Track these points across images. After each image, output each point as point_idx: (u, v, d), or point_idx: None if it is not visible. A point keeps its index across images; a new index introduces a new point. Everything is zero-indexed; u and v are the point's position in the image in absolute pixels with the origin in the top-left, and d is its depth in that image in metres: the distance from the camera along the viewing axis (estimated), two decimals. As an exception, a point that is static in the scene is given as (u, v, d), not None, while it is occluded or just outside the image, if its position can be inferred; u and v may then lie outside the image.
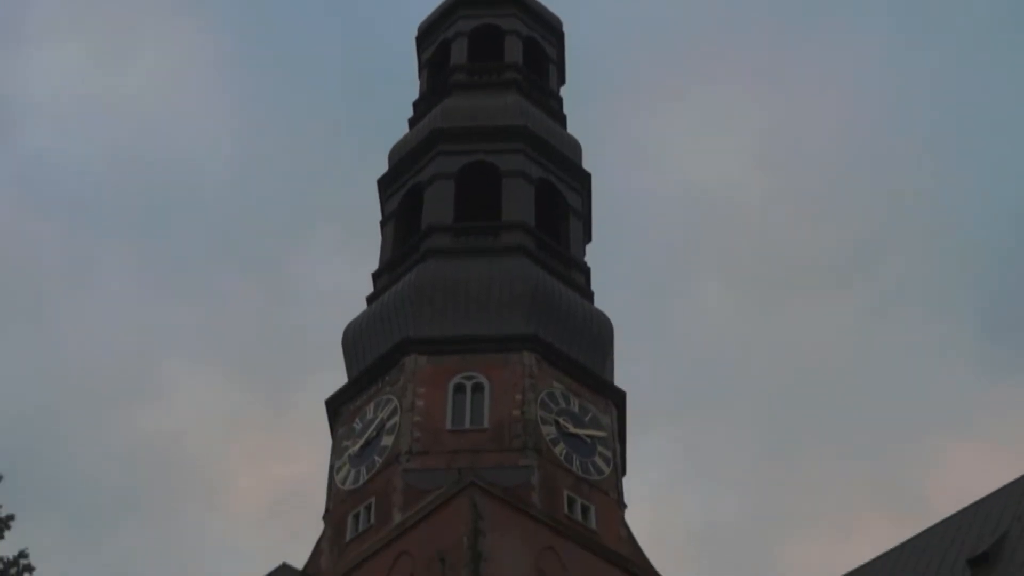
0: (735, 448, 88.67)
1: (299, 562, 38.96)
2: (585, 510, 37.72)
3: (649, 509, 79.03)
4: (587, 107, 73.09)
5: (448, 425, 38.39)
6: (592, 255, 48.44)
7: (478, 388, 39.25)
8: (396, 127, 51.26)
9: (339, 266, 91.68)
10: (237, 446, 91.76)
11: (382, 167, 49.33)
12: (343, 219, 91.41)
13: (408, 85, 53.62)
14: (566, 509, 37.03)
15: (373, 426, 39.77)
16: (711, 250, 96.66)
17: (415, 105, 51.51)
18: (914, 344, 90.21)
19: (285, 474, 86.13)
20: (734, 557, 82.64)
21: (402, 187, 47.63)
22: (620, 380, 42.72)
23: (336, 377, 43.76)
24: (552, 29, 54.10)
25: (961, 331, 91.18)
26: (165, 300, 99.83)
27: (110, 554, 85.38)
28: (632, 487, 75.24)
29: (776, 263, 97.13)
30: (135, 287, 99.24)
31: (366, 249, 49.30)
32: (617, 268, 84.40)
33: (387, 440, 38.81)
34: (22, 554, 20.26)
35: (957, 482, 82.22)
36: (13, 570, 19.71)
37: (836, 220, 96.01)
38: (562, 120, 50.80)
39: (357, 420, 40.79)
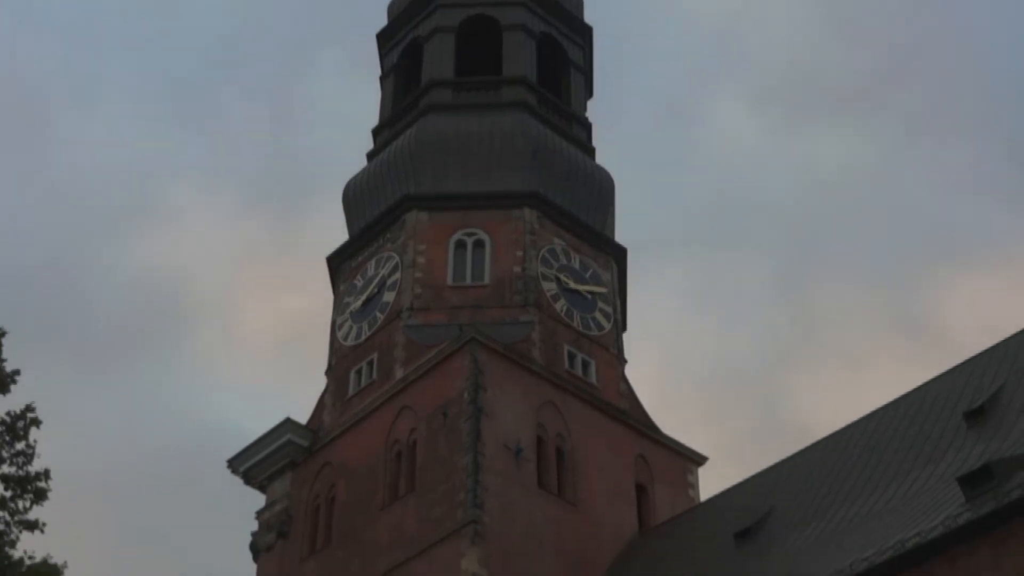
0: (748, 283, 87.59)
1: (303, 417, 39.53)
2: (585, 365, 38.04)
3: (658, 354, 78.71)
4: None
5: (449, 281, 38.51)
6: (597, 108, 48.18)
7: (479, 244, 39.26)
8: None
9: (344, 91, 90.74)
10: (245, 278, 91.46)
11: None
12: (347, 43, 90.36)
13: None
14: (566, 364, 37.34)
15: (374, 283, 39.89)
16: (732, 72, 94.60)
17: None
18: (937, 172, 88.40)
19: (293, 308, 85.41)
20: (744, 401, 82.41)
21: (401, 41, 47.01)
22: (629, 227, 42.52)
23: (341, 216, 43.83)
24: None
25: (986, 160, 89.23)
26: (169, 126, 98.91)
27: (118, 397, 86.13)
28: (638, 339, 75.02)
29: (800, 84, 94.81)
30: (138, 113, 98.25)
31: (371, 74, 48.77)
32: (625, 102, 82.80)
33: (388, 296, 38.96)
34: (28, 408, 20.45)
35: (975, 315, 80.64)
36: (20, 424, 19.93)
37: (865, 41, 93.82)
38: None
39: (358, 277, 40.90)
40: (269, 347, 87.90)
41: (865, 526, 23.98)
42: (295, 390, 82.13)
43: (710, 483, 65.34)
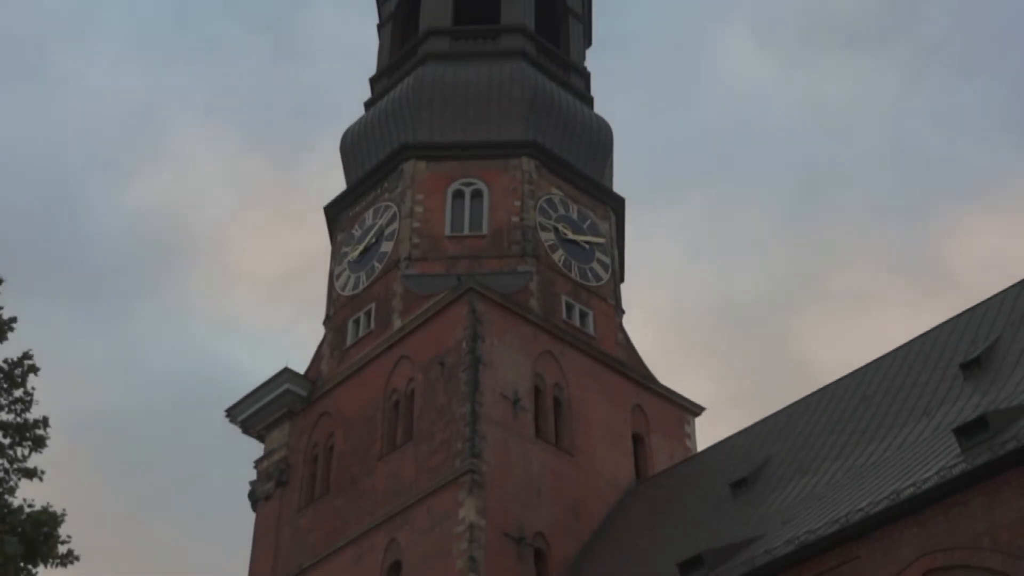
0: (752, 224, 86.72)
1: (301, 366, 39.61)
2: (583, 316, 38.07)
3: (660, 298, 78.42)
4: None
5: (447, 231, 38.45)
6: (597, 51, 47.91)
7: (477, 194, 39.18)
8: None
9: (346, 26, 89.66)
10: (245, 217, 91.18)
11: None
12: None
13: None
14: (564, 314, 37.38)
15: (372, 232, 39.83)
16: (739, 5, 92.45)
17: None
18: (945, 110, 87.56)
19: (293, 248, 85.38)
20: (747, 344, 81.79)
21: (399, -11, 46.68)
22: (631, 168, 42.21)
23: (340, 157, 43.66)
24: None
25: (995, 98, 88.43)
26: (170, 58, 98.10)
27: (117, 338, 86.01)
28: (640, 285, 74.16)
29: (807, 19, 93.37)
30: (138, 48, 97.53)
31: (372, 10, 48.29)
32: (627, 40, 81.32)
33: (386, 246, 38.92)
34: (26, 355, 20.40)
35: (982, 255, 79.99)
36: (18, 371, 19.90)
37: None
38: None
39: (356, 226, 40.83)
40: (269, 287, 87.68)
41: (861, 477, 24.08)
42: (293, 338, 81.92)
43: (713, 430, 65.28)
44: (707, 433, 39.16)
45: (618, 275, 40.52)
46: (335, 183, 42.26)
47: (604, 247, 40.22)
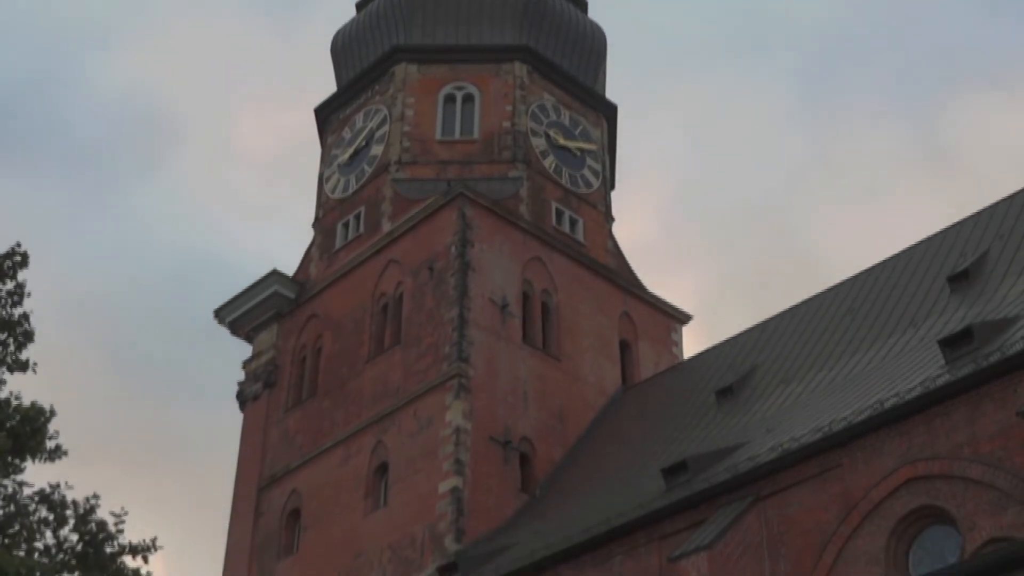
0: (762, 110, 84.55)
1: (289, 269, 39.60)
2: (573, 222, 38.04)
3: (663, 189, 77.13)
4: None
5: (438, 135, 38.27)
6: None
7: (468, 99, 38.92)
8: None
9: None
10: (235, 96, 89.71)
11: None
12: None
13: None
14: (554, 221, 37.34)
15: (362, 135, 39.61)
16: None
17: None
18: None
19: (290, 123, 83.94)
20: (754, 235, 79.86)
21: None
22: (635, 52, 41.37)
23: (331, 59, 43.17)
24: None
25: None
26: None
27: (107, 223, 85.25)
28: (643, 176, 72.33)
29: None
30: None
31: None
32: None
33: (376, 150, 38.74)
34: (15, 248, 20.30)
35: (1002, 144, 76.76)
36: (7, 263, 19.85)
37: None
38: None
39: (346, 129, 40.60)
40: (260, 171, 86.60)
41: (845, 386, 24.26)
42: (291, 218, 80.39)
43: (722, 327, 64.33)
44: (717, 329, 38.96)
45: (609, 182, 40.44)
46: (327, 78, 41.55)
47: (595, 154, 40.08)
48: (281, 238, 78.72)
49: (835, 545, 20.05)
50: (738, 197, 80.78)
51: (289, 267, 39.43)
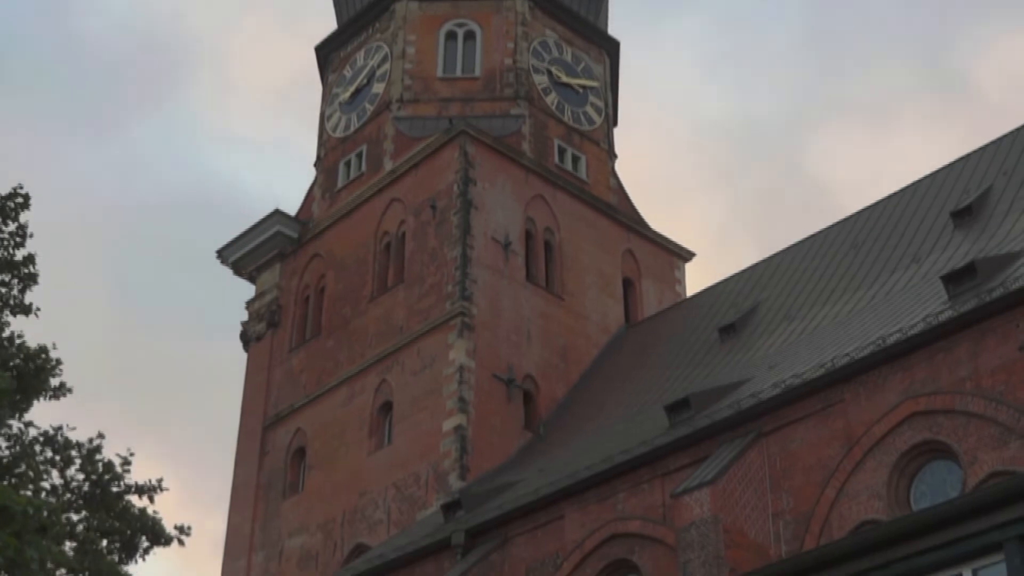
0: (770, 35, 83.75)
1: (291, 205, 39.58)
2: (575, 160, 37.90)
3: (671, 119, 76.39)
4: None
5: (439, 73, 38.04)
6: None
7: (470, 36, 38.65)
8: None
9: None
10: (240, 23, 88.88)
11: None
12: None
13: None
14: (556, 158, 37.21)
15: (363, 74, 39.38)
16: None
17: None
18: None
19: (292, 59, 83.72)
20: (763, 161, 79.56)
21: None
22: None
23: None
24: None
25: None
26: None
27: (111, 149, 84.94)
28: (650, 107, 71.53)
29: None
30: None
31: None
32: None
33: (378, 88, 38.52)
34: (17, 189, 20.21)
35: (1010, 69, 77.04)
36: (10, 204, 19.75)
37: None
38: None
39: (347, 67, 40.35)
40: (264, 97, 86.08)
41: (848, 323, 24.26)
42: (295, 150, 79.91)
43: (729, 260, 63.23)
44: (722, 266, 38.77)
45: (611, 119, 40.23)
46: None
47: (598, 91, 39.84)
48: (284, 173, 78.21)
49: (837, 480, 20.10)
50: (743, 131, 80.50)
51: (291, 203, 39.49)
